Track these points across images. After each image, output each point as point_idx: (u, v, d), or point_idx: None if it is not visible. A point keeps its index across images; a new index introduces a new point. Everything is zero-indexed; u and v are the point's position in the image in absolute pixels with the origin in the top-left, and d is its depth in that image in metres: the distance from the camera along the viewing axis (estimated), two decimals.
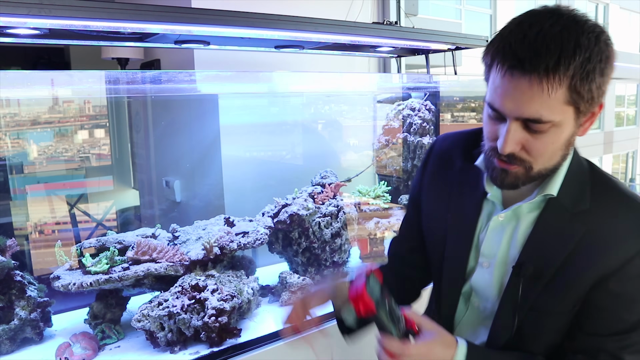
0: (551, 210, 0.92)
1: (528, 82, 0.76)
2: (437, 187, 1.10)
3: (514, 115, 0.80)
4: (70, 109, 2.44)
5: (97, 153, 2.77)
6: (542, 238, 0.93)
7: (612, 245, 0.88)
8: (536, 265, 0.92)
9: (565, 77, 0.75)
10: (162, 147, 2.56)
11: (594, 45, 0.76)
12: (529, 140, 0.82)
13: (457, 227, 1.04)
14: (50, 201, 2.37)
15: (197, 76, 2.09)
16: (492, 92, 0.82)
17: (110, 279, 1.53)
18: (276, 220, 1.96)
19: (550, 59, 0.74)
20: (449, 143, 1.12)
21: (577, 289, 0.91)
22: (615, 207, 0.91)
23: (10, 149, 2.29)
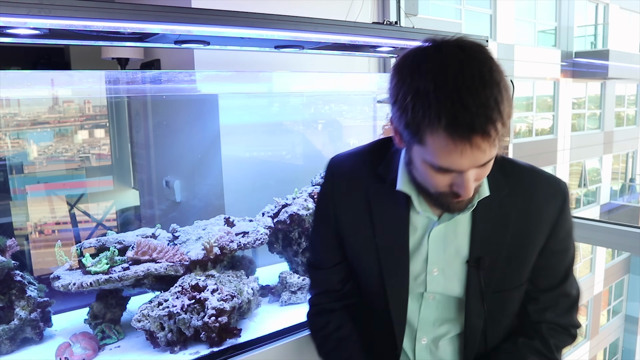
0: (481, 203, 1.00)
1: (482, 141, 0.82)
2: (354, 214, 1.10)
3: (470, 167, 0.87)
4: (70, 109, 2.44)
5: (97, 153, 2.77)
6: (484, 230, 1.03)
7: (540, 215, 1.03)
8: (489, 256, 1.03)
9: (497, 123, 0.82)
10: (162, 147, 2.56)
11: (502, 79, 0.83)
12: (479, 173, 0.90)
13: (390, 249, 1.06)
14: (50, 201, 2.37)
15: (197, 76, 2.09)
16: (440, 157, 0.85)
17: (110, 279, 1.53)
18: (276, 220, 1.96)
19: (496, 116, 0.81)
20: (350, 165, 1.13)
21: (528, 261, 1.05)
22: (526, 183, 1.05)
23: (10, 149, 2.29)
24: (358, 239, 1.10)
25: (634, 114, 17.36)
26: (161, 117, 2.52)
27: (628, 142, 16.64)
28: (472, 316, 1.07)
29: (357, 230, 1.10)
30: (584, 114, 15.31)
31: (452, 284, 1.06)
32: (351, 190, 1.10)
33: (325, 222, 1.16)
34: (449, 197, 0.93)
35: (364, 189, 1.08)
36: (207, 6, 1.56)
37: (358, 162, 1.13)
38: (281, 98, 2.59)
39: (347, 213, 1.11)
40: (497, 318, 1.08)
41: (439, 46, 0.85)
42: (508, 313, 1.11)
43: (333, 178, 1.14)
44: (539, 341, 1.09)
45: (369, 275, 1.11)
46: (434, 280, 1.07)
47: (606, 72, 14.42)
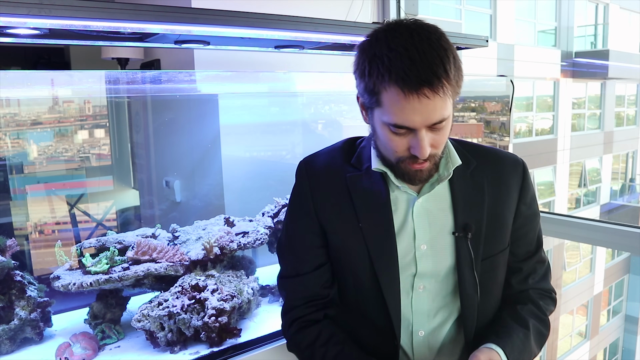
0: (456, 176, 1.09)
1: (432, 97, 0.89)
2: (335, 205, 1.12)
3: (423, 125, 0.93)
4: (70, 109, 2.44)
5: (97, 153, 2.77)
6: (464, 199, 1.09)
7: (508, 180, 1.13)
8: (473, 223, 1.08)
9: (451, 80, 0.91)
10: (162, 147, 2.56)
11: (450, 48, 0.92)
12: (433, 139, 0.96)
13: (375, 230, 1.09)
14: (50, 201, 2.37)
15: (197, 76, 2.09)
16: (394, 113, 0.92)
17: (110, 279, 1.53)
18: (276, 220, 1.95)
19: (442, 71, 0.89)
20: (323, 161, 1.17)
21: (506, 225, 1.13)
22: (490, 156, 1.15)
23: (10, 149, 2.29)
24: (342, 228, 1.11)
25: (634, 114, 17.35)
26: (161, 117, 2.52)
27: (628, 142, 16.64)
28: (467, 289, 1.10)
29: (340, 220, 1.12)
30: (584, 114, 15.31)
31: (441, 257, 1.10)
32: (328, 183, 1.13)
33: (305, 222, 1.16)
34: (409, 163, 0.99)
35: (340, 180, 1.12)
36: (207, 6, 1.56)
37: (330, 158, 1.17)
38: (281, 98, 2.58)
39: (327, 206, 1.13)
40: (488, 287, 1.13)
41: (394, 23, 0.96)
42: (496, 281, 1.16)
43: (308, 176, 1.17)
44: (533, 305, 1.17)
45: (358, 263, 1.11)
46: (423, 256, 1.10)
47: (606, 72, 14.42)
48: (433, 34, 0.92)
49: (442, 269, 1.11)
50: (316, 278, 1.17)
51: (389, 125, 0.95)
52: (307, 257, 1.17)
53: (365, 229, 1.09)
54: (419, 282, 1.11)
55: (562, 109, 14.14)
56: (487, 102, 3.08)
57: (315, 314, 1.17)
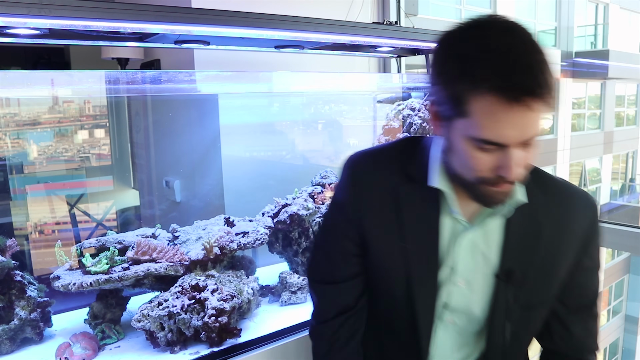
0: (515, 211, 0.94)
1: (534, 109, 0.77)
2: (381, 215, 0.99)
3: (518, 142, 0.80)
4: (70, 109, 2.44)
5: (97, 153, 2.77)
6: (517, 242, 0.95)
7: (572, 227, 0.97)
8: (520, 270, 0.95)
9: (547, 95, 0.78)
10: (162, 147, 2.56)
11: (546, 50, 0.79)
12: (524, 157, 0.83)
13: (420, 255, 0.97)
14: (50, 201, 2.37)
15: (197, 76, 2.09)
16: (486, 126, 0.79)
17: (110, 279, 1.53)
18: (276, 220, 1.95)
19: (547, 80, 0.77)
20: (374, 163, 1.03)
21: (558, 276, 0.99)
22: (560, 194, 0.99)
23: (10, 149, 2.29)
24: (384, 243, 0.99)
25: (634, 114, 17.35)
26: (161, 117, 2.52)
27: (628, 142, 16.64)
28: (496, 335, 0.99)
29: (383, 234, 0.99)
30: (584, 114, 15.31)
31: (477, 297, 0.99)
32: (377, 190, 0.99)
33: (344, 227, 1.04)
34: (491, 184, 0.85)
35: (391, 189, 0.97)
36: (207, 6, 1.56)
37: (383, 161, 1.02)
38: (281, 98, 2.59)
39: (372, 215, 1.00)
40: (519, 335, 1.01)
41: (478, 19, 0.83)
42: (530, 331, 1.05)
43: (354, 177, 1.02)
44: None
45: (395, 284, 1.01)
46: (459, 292, 0.99)
47: (606, 72, 14.42)
48: (530, 35, 0.80)
49: (475, 308, 1.00)
50: (350, 288, 1.07)
51: (476, 140, 0.81)
52: (343, 264, 1.06)
53: (409, 251, 0.97)
54: (449, 315, 1.02)
55: (562, 109, 14.14)
56: None
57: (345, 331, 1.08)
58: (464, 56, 0.79)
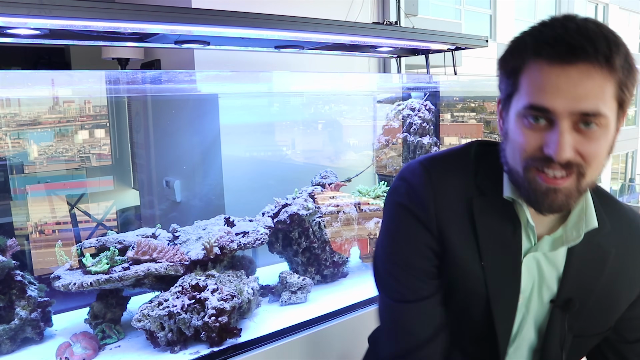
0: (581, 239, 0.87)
1: (585, 70, 0.70)
2: (460, 229, 0.89)
3: (568, 109, 0.72)
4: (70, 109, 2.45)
5: (97, 153, 2.77)
6: (578, 269, 0.89)
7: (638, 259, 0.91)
8: (578, 299, 0.90)
9: (616, 65, 0.71)
10: (162, 147, 2.56)
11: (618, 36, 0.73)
12: (581, 143, 0.74)
13: (499, 274, 0.89)
14: (51, 201, 2.37)
15: (197, 76, 2.09)
16: (531, 91, 0.74)
17: (111, 278, 1.53)
18: (276, 220, 1.96)
19: (604, 46, 0.70)
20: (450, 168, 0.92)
21: (617, 309, 0.93)
22: (630, 224, 0.93)
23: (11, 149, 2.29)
24: (462, 256, 0.89)
25: (633, 114, 17.36)
26: (161, 117, 2.53)
27: (628, 142, 16.65)
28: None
29: (461, 246, 0.89)
30: None
31: (530, 320, 0.94)
32: (455, 197, 0.89)
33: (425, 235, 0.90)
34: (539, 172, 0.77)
35: (465, 200, 0.88)
36: (207, 6, 1.56)
37: (457, 166, 0.92)
38: (281, 98, 2.59)
39: (452, 224, 0.89)
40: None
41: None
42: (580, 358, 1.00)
43: (432, 181, 0.89)
44: None
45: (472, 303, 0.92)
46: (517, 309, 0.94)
47: None
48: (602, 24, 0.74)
49: (527, 332, 0.95)
50: (440, 303, 0.94)
51: (524, 110, 0.75)
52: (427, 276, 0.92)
53: (487, 268, 0.88)
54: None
55: None
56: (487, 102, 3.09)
57: (446, 353, 0.96)
58: (520, 37, 0.77)
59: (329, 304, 1.84)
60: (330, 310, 1.79)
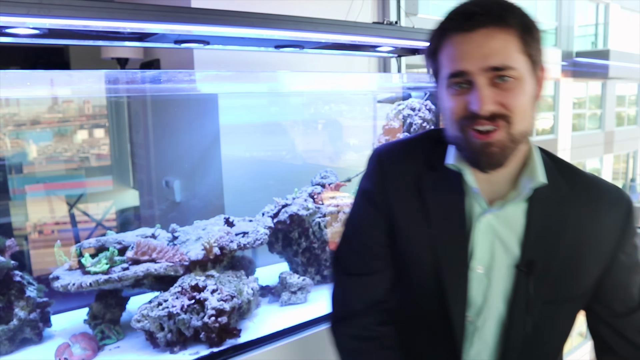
0: (538, 202, 0.92)
1: (486, 33, 0.82)
2: (407, 203, 0.98)
3: (479, 67, 0.83)
4: (69, 109, 2.44)
5: (96, 153, 2.77)
6: (539, 230, 0.92)
7: (602, 221, 0.93)
8: (542, 261, 0.92)
9: (513, 24, 0.83)
10: (162, 147, 2.56)
11: (524, 10, 0.87)
12: (501, 95, 0.84)
13: (446, 238, 0.95)
14: (50, 201, 2.37)
15: (197, 76, 2.09)
16: (449, 62, 0.86)
17: (110, 279, 1.52)
18: (276, 220, 1.95)
19: (497, 10, 0.83)
20: (400, 152, 1.03)
21: (586, 272, 0.94)
22: (587, 186, 0.96)
23: (10, 149, 2.28)
24: (412, 231, 0.98)
25: (634, 114, 17.35)
26: (161, 117, 2.52)
27: (628, 142, 16.64)
28: (515, 328, 0.94)
29: (410, 222, 0.98)
30: (584, 113, 15.30)
31: (495, 289, 0.95)
32: (403, 179, 0.99)
33: (371, 217, 1.02)
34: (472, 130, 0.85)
35: (414, 177, 0.98)
36: (207, 6, 1.56)
37: (409, 150, 1.03)
38: (281, 98, 2.58)
39: (399, 203, 0.99)
40: (544, 334, 0.96)
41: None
42: (555, 333, 0.99)
43: (380, 166, 1.02)
44: None
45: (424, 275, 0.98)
46: (478, 279, 0.95)
47: (607, 72, 14.42)
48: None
49: (494, 300, 0.96)
50: (380, 281, 1.03)
51: (447, 81, 0.87)
52: (373, 255, 1.03)
53: (436, 236, 0.95)
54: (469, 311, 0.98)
55: (563, 108, 14.14)
56: None
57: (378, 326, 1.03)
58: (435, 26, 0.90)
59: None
60: (330, 310, 1.78)
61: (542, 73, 0.90)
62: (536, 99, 0.89)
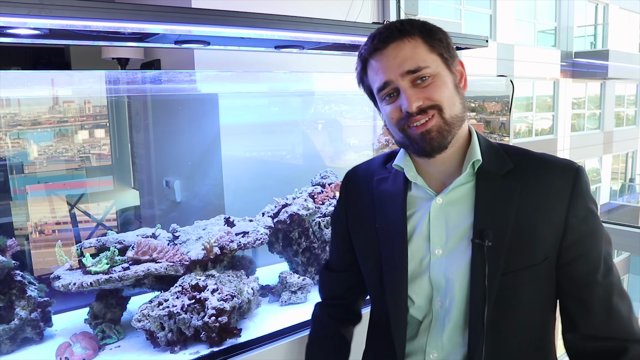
0: (483, 178, 1.01)
1: (395, 46, 0.95)
2: (361, 208, 1.13)
3: (398, 73, 0.95)
4: (70, 109, 2.44)
5: (97, 153, 2.77)
6: (487, 204, 0.99)
7: (548, 187, 0.98)
8: (494, 231, 0.97)
9: (413, 33, 0.96)
10: (162, 147, 2.56)
11: (427, 23, 0.99)
12: (424, 92, 0.95)
13: (388, 230, 1.06)
14: (51, 201, 2.37)
15: (197, 76, 2.09)
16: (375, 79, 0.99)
17: (111, 278, 1.53)
18: (276, 220, 1.96)
19: (398, 26, 0.97)
20: (364, 165, 1.19)
21: (539, 239, 0.97)
22: (534, 162, 1.03)
23: (11, 149, 2.29)
24: (363, 229, 1.12)
25: (633, 114, 17.36)
26: (161, 117, 2.52)
27: (628, 142, 16.65)
28: (476, 302, 0.96)
29: (362, 222, 1.12)
30: (583, 114, 15.31)
31: (455, 265, 0.99)
32: (361, 187, 1.15)
33: (336, 223, 1.22)
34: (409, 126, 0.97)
35: (370, 183, 1.13)
36: (207, 6, 1.56)
37: (371, 163, 1.19)
38: (281, 98, 2.59)
39: (355, 209, 1.15)
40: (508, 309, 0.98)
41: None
42: (520, 304, 0.99)
43: (345, 180, 1.20)
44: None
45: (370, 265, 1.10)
46: (438, 262, 1.01)
47: (606, 72, 14.43)
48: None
49: (455, 278, 0.99)
50: (341, 279, 1.20)
51: (378, 94, 1.00)
52: (337, 257, 1.22)
53: (380, 229, 1.07)
54: (437, 296, 1.02)
55: (562, 109, 14.15)
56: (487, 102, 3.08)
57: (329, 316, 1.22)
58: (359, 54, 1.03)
59: None
60: None
61: (461, 66, 1.03)
62: (461, 89, 1.01)
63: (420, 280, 1.03)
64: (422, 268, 1.03)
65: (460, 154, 1.03)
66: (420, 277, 1.03)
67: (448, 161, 1.03)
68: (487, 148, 1.04)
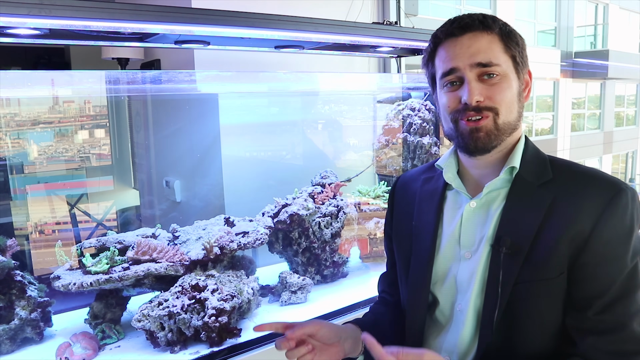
0: (518, 186, 0.99)
1: (472, 36, 0.95)
2: (405, 207, 1.16)
3: (467, 63, 0.94)
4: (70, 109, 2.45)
5: (97, 153, 2.77)
6: (514, 212, 0.98)
7: (580, 203, 0.94)
8: (514, 239, 0.95)
9: (493, 28, 0.95)
10: (162, 147, 2.56)
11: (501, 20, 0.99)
12: (488, 90, 0.95)
13: (421, 228, 1.09)
14: (51, 201, 2.37)
15: (197, 76, 2.09)
16: (442, 63, 0.98)
17: (111, 278, 1.53)
18: (276, 220, 1.96)
19: (481, 18, 0.96)
20: (414, 171, 1.22)
21: (558, 253, 0.93)
22: (576, 175, 0.99)
23: (11, 149, 2.29)
24: (402, 226, 1.15)
25: (633, 114, 17.36)
26: (161, 117, 2.52)
27: (628, 142, 16.65)
28: (488, 309, 0.95)
29: (403, 220, 1.15)
30: (583, 114, 15.32)
31: (477, 272, 0.99)
32: (408, 188, 1.17)
33: (386, 222, 1.25)
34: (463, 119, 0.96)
35: (419, 184, 1.15)
36: (207, 6, 1.56)
37: (423, 167, 1.20)
38: (281, 98, 2.59)
39: (399, 207, 1.18)
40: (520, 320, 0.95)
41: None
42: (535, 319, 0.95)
43: (394, 186, 1.23)
44: None
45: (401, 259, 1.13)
46: (465, 265, 1.01)
47: (606, 72, 14.43)
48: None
49: (476, 282, 0.98)
50: (388, 277, 1.24)
51: (442, 80, 0.98)
52: (387, 254, 1.26)
53: (415, 226, 1.10)
54: (459, 299, 1.01)
55: (562, 109, 14.15)
56: None
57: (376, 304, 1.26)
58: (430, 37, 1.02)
59: (329, 304, 1.84)
60: (330, 310, 1.79)
61: (529, 76, 1.02)
62: (523, 97, 1.00)
63: (447, 281, 1.04)
64: (451, 270, 1.03)
65: (504, 160, 1.01)
66: (448, 278, 1.04)
67: (490, 165, 1.02)
68: (532, 157, 1.01)
